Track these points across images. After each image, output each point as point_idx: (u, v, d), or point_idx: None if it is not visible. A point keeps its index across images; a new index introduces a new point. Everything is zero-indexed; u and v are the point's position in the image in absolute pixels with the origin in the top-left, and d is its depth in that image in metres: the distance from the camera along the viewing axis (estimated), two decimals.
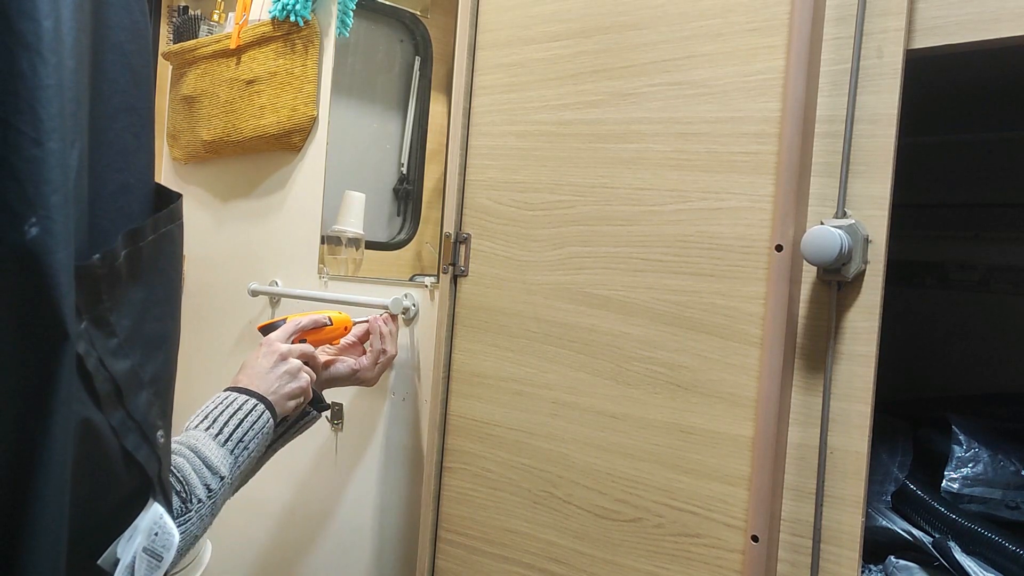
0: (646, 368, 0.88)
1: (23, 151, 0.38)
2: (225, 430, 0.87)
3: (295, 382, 0.98)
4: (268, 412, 0.92)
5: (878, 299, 0.72)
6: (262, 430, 0.91)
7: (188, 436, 0.85)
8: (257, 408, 0.91)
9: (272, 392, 0.95)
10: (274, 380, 0.96)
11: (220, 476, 0.83)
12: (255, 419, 0.90)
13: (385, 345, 1.15)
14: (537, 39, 0.99)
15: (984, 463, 0.92)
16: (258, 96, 1.45)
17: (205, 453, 0.83)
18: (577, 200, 0.95)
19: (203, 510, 0.80)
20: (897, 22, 0.72)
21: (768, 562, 0.77)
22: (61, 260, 0.39)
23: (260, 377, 0.96)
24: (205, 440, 0.84)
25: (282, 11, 1.37)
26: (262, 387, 0.95)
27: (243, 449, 0.87)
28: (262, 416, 0.91)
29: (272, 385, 0.96)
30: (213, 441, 0.85)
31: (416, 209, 1.61)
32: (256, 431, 0.90)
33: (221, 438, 0.86)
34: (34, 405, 0.39)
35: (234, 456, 0.86)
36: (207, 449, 0.83)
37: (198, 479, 0.80)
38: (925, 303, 1.48)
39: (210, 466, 0.82)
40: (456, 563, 1.06)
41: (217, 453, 0.84)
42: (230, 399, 0.91)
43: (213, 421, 0.87)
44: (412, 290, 1.24)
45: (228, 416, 0.88)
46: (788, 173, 0.76)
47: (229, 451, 0.86)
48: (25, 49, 0.38)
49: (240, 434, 0.88)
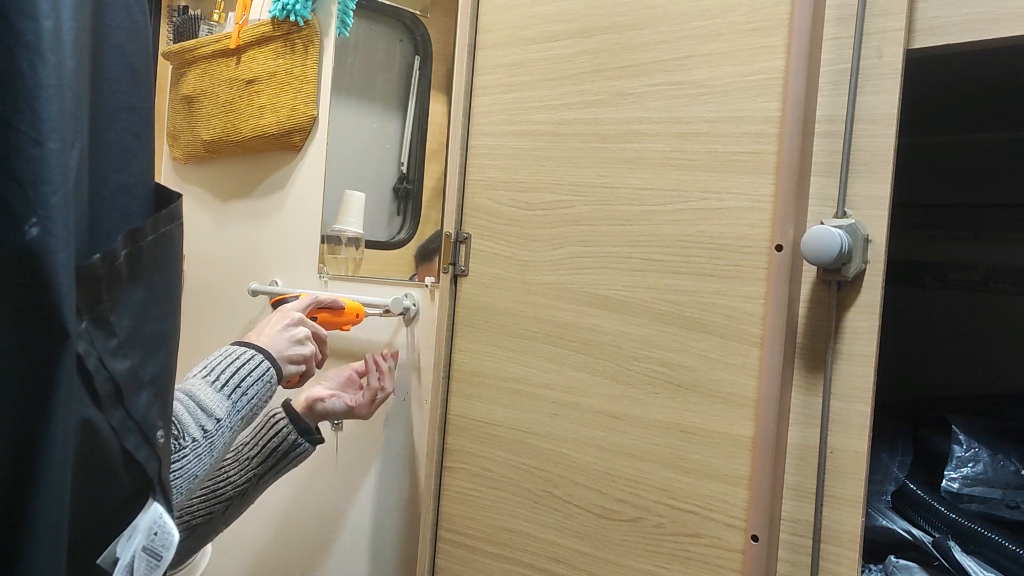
0: (646, 368, 0.88)
1: (23, 151, 0.38)
2: (223, 377, 0.87)
3: (300, 347, 0.98)
4: (268, 362, 0.92)
5: (878, 299, 0.72)
6: (262, 378, 0.90)
7: (185, 383, 0.85)
8: (256, 358, 0.91)
9: (274, 349, 0.95)
10: (280, 339, 0.96)
11: (216, 418, 0.82)
12: (253, 367, 0.90)
13: (384, 383, 1.14)
14: (537, 39, 0.99)
15: (984, 463, 0.92)
16: (258, 96, 1.45)
17: (199, 396, 0.83)
18: (577, 200, 0.95)
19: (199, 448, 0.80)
20: (897, 22, 0.72)
21: (768, 562, 0.77)
22: (61, 260, 0.39)
23: (266, 335, 0.96)
24: (201, 386, 0.85)
25: (282, 11, 1.37)
26: (265, 342, 0.95)
27: (241, 395, 0.87)
28: (261, 365, 0.91)
29: (277, 344, 0.96)
30: (210, 387, 0.85)
31: (416, 209, 1.61)
32: (255, 378, 0.89)
33: (218, 384, 0.86)
34: (34, 405, 0.39)
35: (231, 401, 0.86)
36: (202, 393, 0.83)
37: (191, 419, 0.80)
38: (925, 303, 1.48)
39: (204, 408, 0.82)
40: (456, 563, 1.06)
41: (213, 397, 0.84)
42: (229, 351, 0.91)
43: (211, 370, 0.87)
44: (412, 290, 1.24)
45: (226, 365, 0.88)
46: (788, 173, 0.76)
47: (226, 396, 0.86)
48: (25, 49, 0.38)
49: (237, 380, 0.87)
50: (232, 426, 0.86)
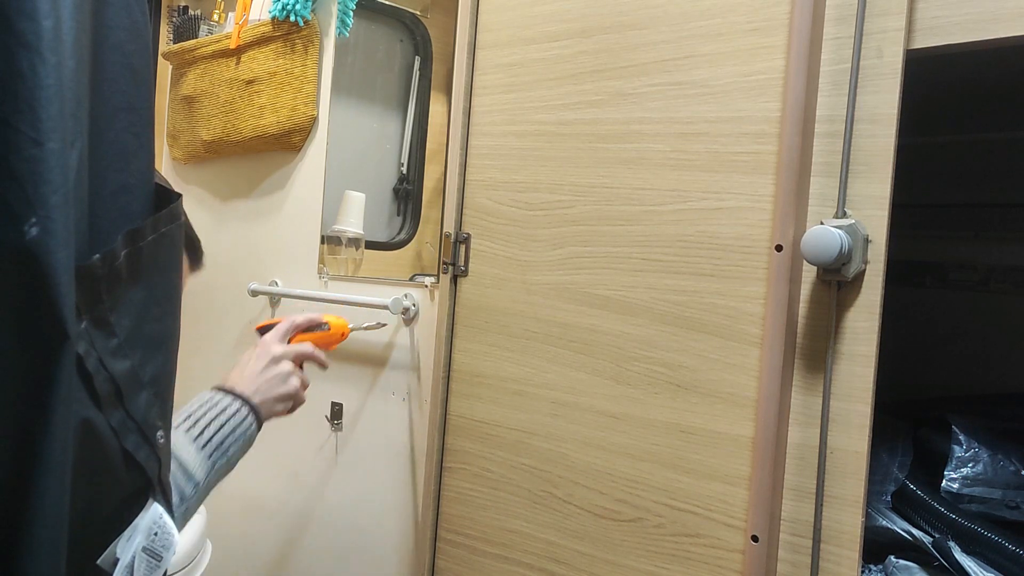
0: (646, 368, 0.88)
1: (23, 151, 0.38)
2: (206, 432, 0.83)
3: (284, 386, 0.94)
4: (252, 416, 0.89)
5: (878, 299, 0.72)
6: (244, 434, 0.87)
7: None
8: (240, 411, 0.88)
9: (259, 393, 0.92)
10: (264, 382, 0.93)
11: (195, 482, 0.80)
12: (237, 423, 0.87)
13: None
14: (537, 39, 0.99)
15: (984, 463, 0.92)
16: (258, 96, 1.45)
17: (183, 457, 0.80)
18: (577, 200, 0.95)
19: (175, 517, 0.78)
20: (897, 22, 0.72)
21: (768, 562, 0.77)
22: (61, 260, 0.39)
23: (249, 379, 0.93)
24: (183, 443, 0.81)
25: (282, 11, 1.37)
26: (249, 389, 0.91)
27: (221, 454, 0.84)
28: (245, 420, 0.88)
29: (261, 387, 0.92)
30: (192, 444, 0.82)
31: (416, 209, 1.61)
32: (237, 436, 0.86)
33: (201, 440, 0.82)
34: (34, 405, 0.39)
35: (211, 461, 0.83)
36: (184, 452, 0.80)
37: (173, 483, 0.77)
38: (925, 303, 1.48)
39: (186, 470, 0.79)
40: (456, 563, 1.06)
41: (195, 458, 0.81)
42: (214, 400, 0.88)
43: (195, 423, 0.84)
44: (412, 290, 1.24)
45: (211, 418, 0.85)
46: (788, 173, 0.76)
47: (207, 455, 0.82)
48: (25, 49, 0.38)
49: (220, 438, 0.84)
50: (208, 486, 0.83)
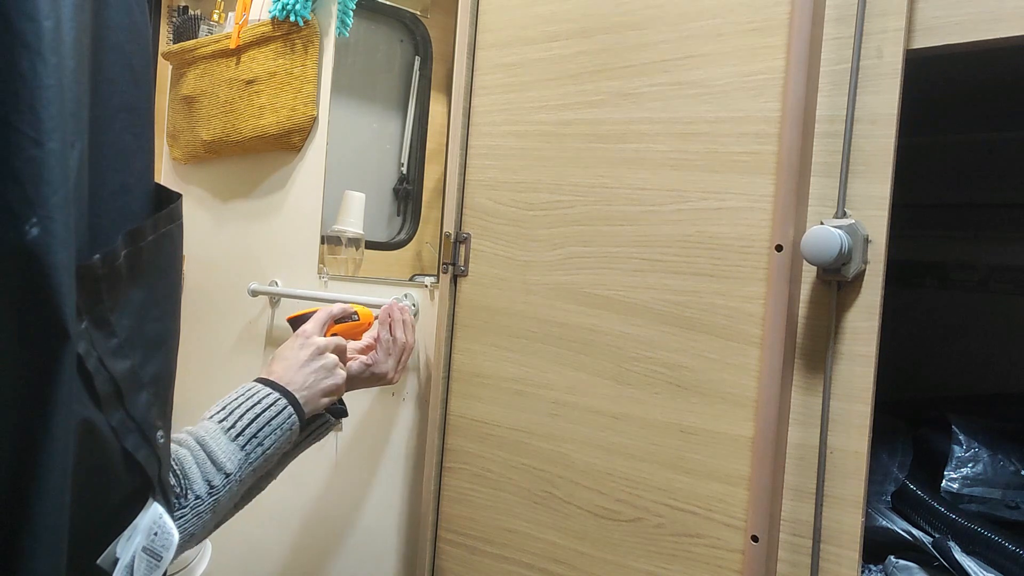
0: (646, 368, 0.88)
1: (23, 151, 0.38)
2: (239, 424, 0.81)
3: (331, 378, 0.93)
4: (292, 408, 0.86)
5: (878, 299, 0.72)
6: (281, 426, 0.84)
7: (200, 427, 0.80)
8: (278, 403, 0.85)
9: (307, 387, 0.89)
10: (310, 374, 0.90)
11: (225, 472, 0.77)
12: (274, 414, 0.84)
13: (395, 332, 1.07)
14: (537, 39, 0.99)
15: (984, 463, 0.92)
16: (258, 96, 1.45)
17: (211, 446, 0.78)
18: (577, 200, 0.95)
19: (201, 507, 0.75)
20: (897, 22, 0.72)
21: (768, 562, 0.77)
22: (61, 260, 0.39)
23: (295, 370, 0.90)
24: (215, 432, 0.79)
25: (282, 11, 1.37)
26: (296, 381, 0.89)
27: (256, 446, 0.81)
28: (282, 412, 0.85)
29: (307, 380, 0.90)
30: (224, 435, 0.79)
31: (416, 209, 1.61)
32: (273, 427, 0.83)
33: (233, 432, 0.80)
34: (35, 405, 0.39)
35: (245, 453, 0.80)
36: (215, 442, 0.78)
37: (199, 472, 0.76)
38: (925, 303, 1.48)
39: (215, 460, 0.77)
40: (456, 563, 1.06)
41: (226, 448, 0.79)
42: (252, 391, 0.85)
43: (229, 413, 0.82)
44: (412, 290, 1.24)
45: (245, 409, 0.82)
46: (788, 173, 0.76)
47: (240, 446, 0.80)
48: (25, 49, 0.38)
49: (255, 429, 0.82)
50: (241, 479, 0.80)
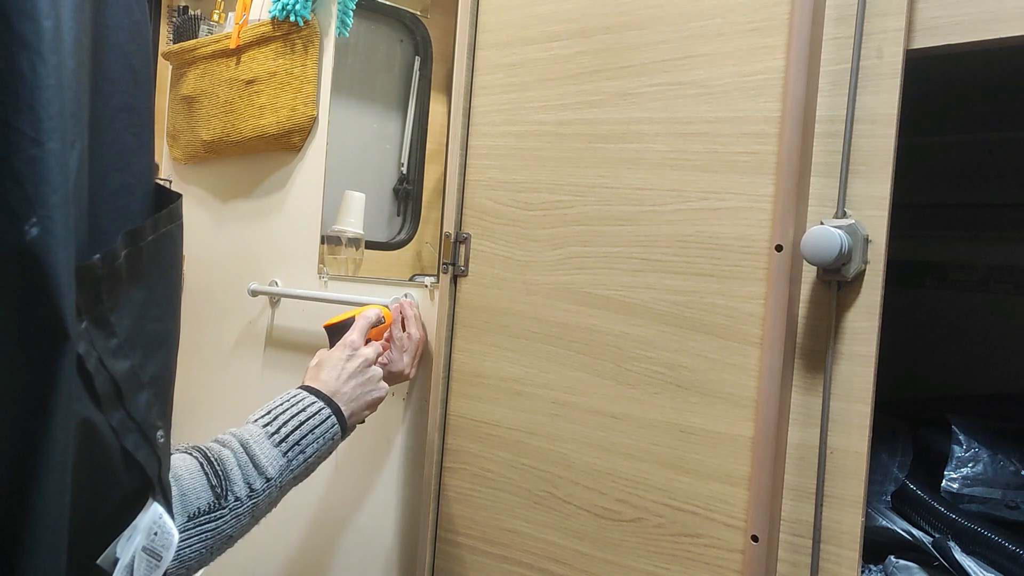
0: (646, 368, 0.88)
1: (23, 151, 0.38)
2: (283, 430, 0.82)
3: (376, 391, 0.94)
4: (335, 418, 0.87)
5: (878, 299, 0.72)
6: (324, 435, 0.86)
7: (244, 429, 0.81)
8: (322, 412, 0.86)
9: (354, 399, 0.91)
10: (357, 387, 0.92)
11: (266, 477, 0.78)
12: (318, 423, 0.85)
13: (409, 329, 1.09)
14: (537, 39, 0.99)
15: (984, 463, 0.92)
16: (258, 96, 1.45)
17: (255, 450, 0.79)
18: (577, 200, 0.95)
19: (240, 509, 0.76)
20: (897, 22, 0.72)
21: (768, 562, 0.77)
22: (61, 260, 0.39)
23: (343, 381, 0.91)
24: (259, 437, 0.80)
25: (282, 11, 1.37)
26: (344, 392, 0.90)
27: (299, 453, 0.83)
28: (326, 421, 0.86)
29: (355, 392, 0.91)
30: (267, 440, 0.81)
31: (416, 209, 1.61)
32: (316, 436, 0.85)
33: (276, 437, 0.81)
34: (34, 405, 0.39)
35: (287, 459, 0.81)
36: (258, 447, 0.79)
37: (241, 475, 0.77)
38: (925, 303, 1.48)
39: (257, 464, 0.78)
40: (456, 563, 1.06)
41: (268, 452, 0.80)
42: (297, 398, 0.86)
43: (274, 418, 0.83)
44: (412, 290, 1.24)
45: (290, 416, 0.84)
46: (788, 173, 0.76)
47: (282, 453, 0.81)
48: (25, 49, 0.38)
49: (298, 436, 0.83)
50: (281, 485, 0.81)
